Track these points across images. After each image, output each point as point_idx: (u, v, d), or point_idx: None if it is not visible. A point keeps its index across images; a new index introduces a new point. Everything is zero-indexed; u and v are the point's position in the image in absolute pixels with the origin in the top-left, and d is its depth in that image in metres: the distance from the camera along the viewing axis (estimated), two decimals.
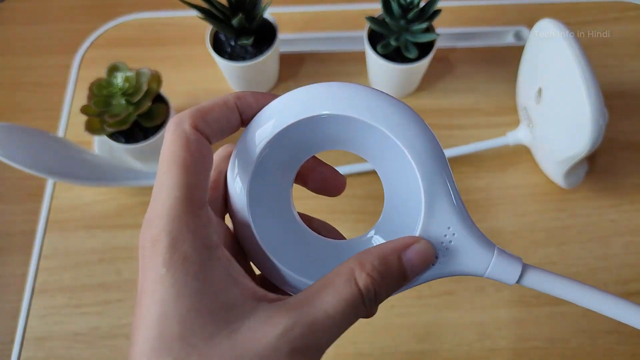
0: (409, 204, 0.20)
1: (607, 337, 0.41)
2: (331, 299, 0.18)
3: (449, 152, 0.47)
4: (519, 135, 0.46)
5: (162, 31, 0.57)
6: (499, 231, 0.45)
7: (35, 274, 0.45)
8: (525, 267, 0.20)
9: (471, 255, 0.20)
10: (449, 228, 0.20)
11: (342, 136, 0.21)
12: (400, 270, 0.19)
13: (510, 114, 0.51)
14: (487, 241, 0.20)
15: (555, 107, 0.41)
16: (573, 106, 0.38)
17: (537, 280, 0.20)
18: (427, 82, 0.53)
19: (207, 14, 0.45)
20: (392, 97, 0.20)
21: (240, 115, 0.21)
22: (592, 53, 0.54)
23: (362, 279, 0.18)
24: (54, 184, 0.48)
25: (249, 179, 0.20)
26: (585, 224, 0.46)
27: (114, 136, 0.45)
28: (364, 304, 0.18)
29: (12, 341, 0.42)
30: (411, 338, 0.42)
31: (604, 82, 0.52)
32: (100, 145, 0.49)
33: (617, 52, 0.54)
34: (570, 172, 0.43)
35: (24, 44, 0.58)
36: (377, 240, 0.22)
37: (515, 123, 0.50)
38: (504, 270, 0.20)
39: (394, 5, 0.44)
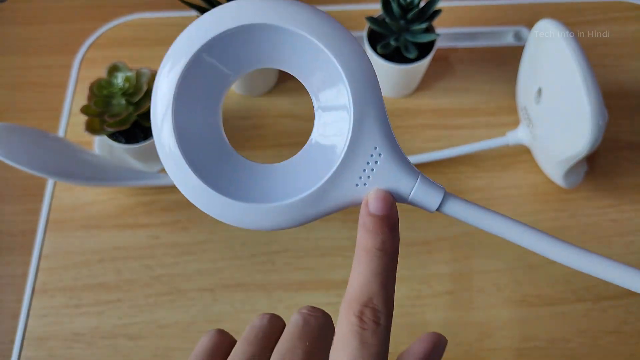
0: (339, 118, 0.20)
1: (607, 337, 0.41)
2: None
3: (448, 152, 0.47)
4: (518, 135, 0.46)
5: (162, 31, 0.57)
6: None
7: (35, 273, 0.45)
8: (447, 195, 0.21)
9: (396, 178, 0.20)
10: (375, 148, 0.20)
11: (273, 51, 0.21)
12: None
13: (510, 114, 0.51)
14: (412, 168, 0.21)
15: (555, 107, 0.41)
16: (573, 106, 0.38)
17: (458, 209, 0.21)
18: (427, 82, 0.53)
19: None
20: (323, 12, 0.20)
21: None
22: (591, 53, 0.54)
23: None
24: (54, 184, 0.49)
25: (175, 83, 0.20)
26: (586, 224, 0.46)
27: (114, 136, 0.45)
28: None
29: (12, 341, 0.42)
30: (411, 338, 0.41)
31: (604, 82, 0.53)
32: (100, 145, 0.49)
33: (617, 52, 0.55)
34: (570, 172, 0.43)
35: (24, 44, 0.58)
36: (317, 140, 0.22)
37: (515, 123, 0.50)
38: (426, 196, 0.21)
39: (394, 6, 0.44)
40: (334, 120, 0.21)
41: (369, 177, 0.20)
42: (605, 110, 0.37)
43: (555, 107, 0.41)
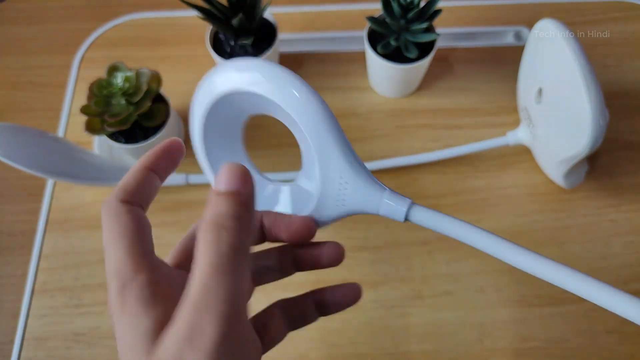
0: (312, 160, 0.25)
1: (607, 337, 0.41)
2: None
3: (449, 152, 0.47)
4: (519, 135, 0.46)
5: (162, 31, 0.57)
6: (499, 231, 0.45)
7: (35, 273, 0.45)
8: (412, 206, 0.24)
9: (365, 197, 0.24)
10: (341, 177, 0.24)
11: (261, 106, 0.25)
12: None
13: (510, 113, 0.51)
14: (380, 186, 0.24)
15: (556, 107, 0.41)
16: (573, 106, 0.38)
17: (424, 217, 0.24)
18: (427, 82, 0.53)
19: (207, 14, 0.45)
20: (287, 70, 0.24)
21: (159, 176, 0.24)
22: (592, 53, 0.54)
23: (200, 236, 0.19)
24: (54, 184, 0.49)
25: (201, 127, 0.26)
26: (586, 224, 0.46)
27: (114, 136, 0.45)
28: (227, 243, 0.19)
29: (12, 341, 0.42)
30: (411, 338, 0.42)
31: (605, 82, 0.52)
32: (100, 145, 0.49)
33: (618, 52, 0.54)
34: (571, 172, 0.43)
35: (24, 44, 0.58)
36: (302, 181, 0.27)
37: (516, 123, 0.50)
38: (394, 208, 0.24)
39: (394, 5, 0.44)
40: (310, 162, 0.25)
41: (343, 199, 0.24)
42: (606, 110, 0.37)
43: (556, 107, 0.41)
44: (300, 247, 0.26)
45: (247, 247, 0.20)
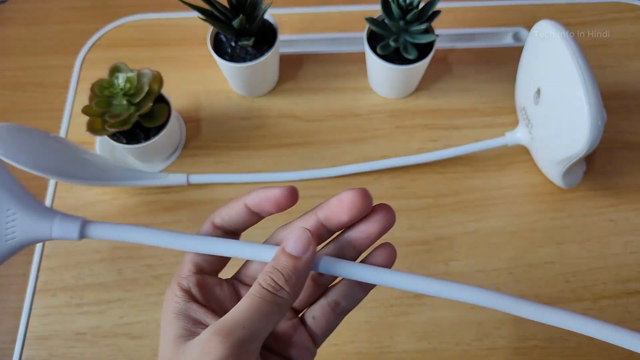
0: None
1: None
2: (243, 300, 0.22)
3: (447, 152, 0.47)
4: (517, 136, 0.46)
5: (164, 32, 0.57)
6: (498, 231, 0.46)
7: (36, 273, 0.45)
8: (86, 224, 0.25)
9: (35, 225, 0.25)
10: (9, 209, 0.25)
11: None
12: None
13: (508, 114, 0.51)
14: (48, 212, 0.25)
15: (554, 107, 0.41)
16: (571, 107, 0.38)
17: (101, 232, 0.25)
18: (426, 83, 0.53)
19: (208, 15, 0.45)
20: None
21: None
22: (591, 53, 0.54)
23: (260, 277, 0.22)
24: (56, 184, 0.49)
25: None
26: (584, 224, 0.46)
27: (115, 136, 0.45)
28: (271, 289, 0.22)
29: (13, 340, 0.42)
30: (410, 337, 0.42)
31: (603, 83, 0.53)
32: (102, 146, 0.50)
33: (616, 53, 0.55)
34: (569, 172, 0.43)
35: (25, 44, 0.58)
36: None
37: (514, 123, 0.50)
38: (66, 230, 0.25)
39: (394, 7, 0.44)
40: None
41: (14, 231, 0.25)
42: (604, 110, 0.37)
43: (554, 108, 0.41)
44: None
45: (286, 305, 0.22)
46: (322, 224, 0.24)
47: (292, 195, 0.24)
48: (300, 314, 0.27)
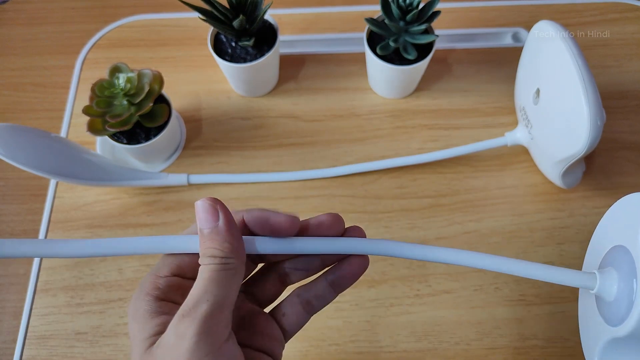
0: None
1: None
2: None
3: (447, 153, 0.47)
4: (517, 136, 0.47)
5: (164, 32, 0.58)
6: (498, 231, 0.46)
7: (37, 273, 0.45)
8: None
9: None
10: None
11: None
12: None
13: (508, 114, 0.51)
14: None
15: (553, 107, 0.41)
16: (571, 107, 0.38)
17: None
18: (426, 83, 0.53)
19: (209, 16, 0.45)
20: None
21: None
22: (590, 54, 0.55)
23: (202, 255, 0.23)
24: (57, 184, 0.49)
25: None
26: (584, 224, 0.46)
27: (115, 137, 0.45)
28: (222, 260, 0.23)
29: (14, 340, 0.43)
30: (410, 337, 0.42)
31: (603, 83, 0.53)
32: (102, 146, 0.50)
33: (616, 53, 0.55)
34: (568, 172, 0.43)
35: (26, 44, 0.58)
36: None
37: (514, 123, 0.50)
38: None
39: (393, 7, 0.44)
40: None
41: None
42: (603, 110, 0.37)
43: (554, 108, 0.41)
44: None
45: (235, 267, 0.23)
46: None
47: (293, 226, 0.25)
48: (269, 311, 0.28)
